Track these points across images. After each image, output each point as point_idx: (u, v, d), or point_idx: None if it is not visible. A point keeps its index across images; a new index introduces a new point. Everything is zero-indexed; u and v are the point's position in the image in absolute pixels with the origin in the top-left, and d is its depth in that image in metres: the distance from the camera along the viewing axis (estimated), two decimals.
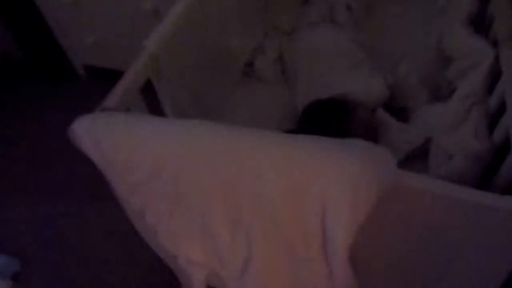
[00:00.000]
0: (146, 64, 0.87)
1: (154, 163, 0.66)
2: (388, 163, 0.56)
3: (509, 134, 0.71)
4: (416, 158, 0.98)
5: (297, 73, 1.21)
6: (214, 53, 1.16)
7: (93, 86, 0.83)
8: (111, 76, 0.88)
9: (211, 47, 1.13)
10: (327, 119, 0.98)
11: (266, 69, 1.25)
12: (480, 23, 1.01)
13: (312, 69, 1.17)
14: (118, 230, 1.14)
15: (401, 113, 1.09)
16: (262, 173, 0.59)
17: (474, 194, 0.54)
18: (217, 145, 0.62)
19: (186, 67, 1.00)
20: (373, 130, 1.02)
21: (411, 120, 1.06)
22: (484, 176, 0.75)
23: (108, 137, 0.67)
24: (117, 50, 1.53)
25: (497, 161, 0.75)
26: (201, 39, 1.06)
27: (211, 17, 1.10)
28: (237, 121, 1.19)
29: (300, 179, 0.57)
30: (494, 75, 0.86)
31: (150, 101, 0.91)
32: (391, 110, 1.08)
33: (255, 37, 1.32)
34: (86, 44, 1.65)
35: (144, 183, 0.70)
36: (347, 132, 0.93)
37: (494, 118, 0.83)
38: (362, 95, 1.05)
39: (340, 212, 0.57)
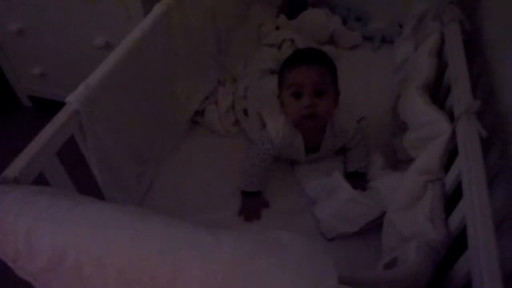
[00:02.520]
0: (68, 122, 0.75)
1: (54, 251, 0.55)
2: (329, 279, 0.47)
3: (465, 224, 0.64)
4: (370, 229, 0.91)
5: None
6: (158, 102, 1.05)
7: (39, 117, 0.78)
8: (59, 108, 0.77)
9: (154, 96, 1.03)
10: None
11: (215, 122, 1.16)
12: (436, 91, 0.96)
13: None
14: None
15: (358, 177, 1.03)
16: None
17: None
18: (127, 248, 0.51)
19: (117, 121, 0.89)
20: None
21: (367, 187, 0.99)
22: (439, 267, 0.67)
23: None
24: (65, 82, 1.42)
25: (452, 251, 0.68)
26: (140, 88, 0.96)
27: (155, 64, 1.00)
28: (182, 179, 1.08)
29: None
30: (451, 151, 0.80)
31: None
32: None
33: (209, 84, 1.24)
34: (33, 74, 1.57)
35: (44, 271, 0.58)
36: None
37: (450, 198, 0.77)
38: None
39: None
